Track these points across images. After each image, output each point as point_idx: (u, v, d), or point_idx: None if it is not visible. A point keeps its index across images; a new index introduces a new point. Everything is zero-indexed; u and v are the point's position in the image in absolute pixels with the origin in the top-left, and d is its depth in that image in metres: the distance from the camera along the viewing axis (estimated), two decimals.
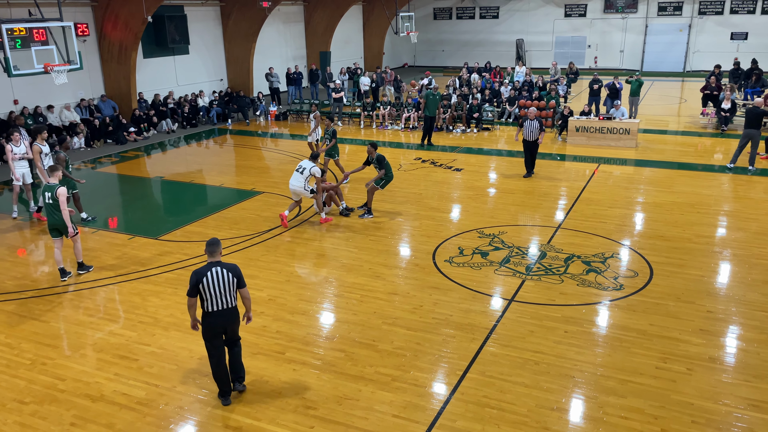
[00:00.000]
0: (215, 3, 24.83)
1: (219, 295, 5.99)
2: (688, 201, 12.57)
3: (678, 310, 8.11)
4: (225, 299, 6.02)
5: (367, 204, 12.07)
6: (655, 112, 22.54)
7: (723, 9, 31.99)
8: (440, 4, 38.11)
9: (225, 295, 6.01)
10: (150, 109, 20.89)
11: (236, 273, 6.07)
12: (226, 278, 5.99)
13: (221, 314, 6.04)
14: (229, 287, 6.02)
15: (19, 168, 12.24)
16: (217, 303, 6.00)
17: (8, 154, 12.14)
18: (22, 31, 13.69)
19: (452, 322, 7.90)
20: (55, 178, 9.36)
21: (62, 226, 9.20)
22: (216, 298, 5.99)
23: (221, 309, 6.03)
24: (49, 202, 9.18)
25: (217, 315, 6.03)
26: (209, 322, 6.04)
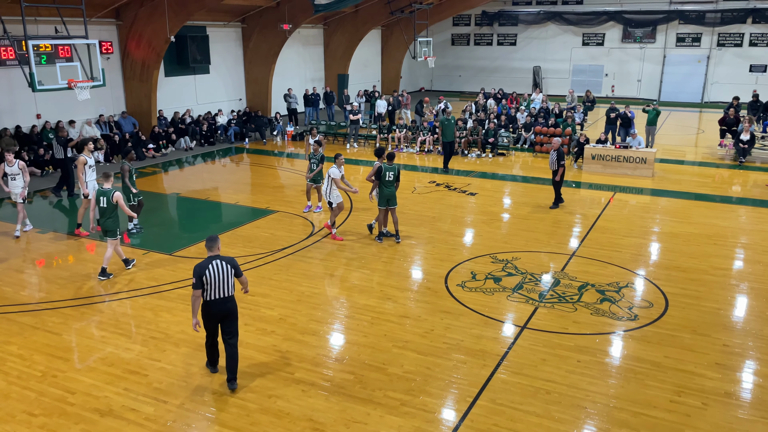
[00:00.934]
0: (237, 24, 25.26)
1: (219, 285, 6.62)
2: (704, 232, 12.44)
3: (693, 342, 7.98)
4: (224, 289, 6.67)
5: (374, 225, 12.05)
6: (673, 142, 22.45)
7: (742, 41, 31.96)
8: (458, 30, 38.47)
9: (224, 285, 6.66)
10: (169, 126, 21.18)
11: (233, 264, 6.76)
12: (225, 270, 6.64)
13: (220, 303, 6.69)
14: (228, 277, 6.66)
15: (13, 188, 12.02)
16: (216, 292, 6.63)
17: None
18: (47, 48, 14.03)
19: (463, 348, 7.83)
20: (108, 183, 10.08)
21: (111, 229, 9.96)
22: (216, 288, 6.62)
23: (220, 298, 6.67)
24: (103, 206, 10.00)
25: (217, 303, 6.67)
26: (210, 310, 6.70)
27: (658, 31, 33.44)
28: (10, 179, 11.97)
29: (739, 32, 31.88)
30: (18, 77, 16.24)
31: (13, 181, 12.00)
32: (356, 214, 13.64)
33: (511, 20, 36.68)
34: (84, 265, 10.62)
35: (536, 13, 35.76)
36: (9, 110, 17.69)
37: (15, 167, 12.01)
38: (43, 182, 16.36)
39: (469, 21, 37.99)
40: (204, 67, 23.72)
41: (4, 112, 17.59)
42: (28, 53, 12.78)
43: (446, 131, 18.02)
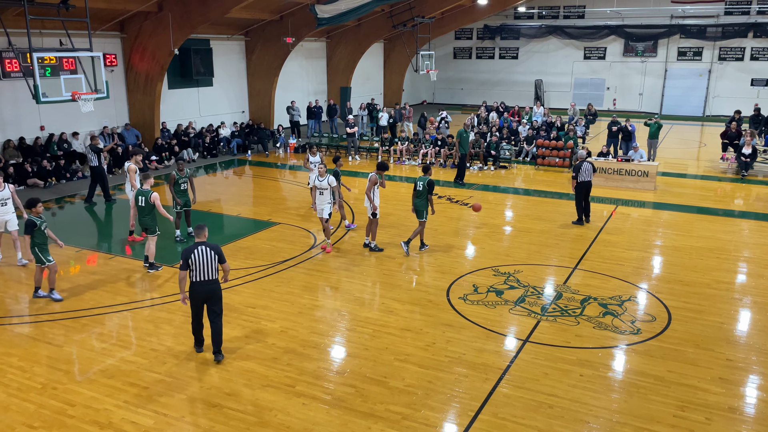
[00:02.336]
0: (240, 37, 25.42)
1: (203, 268, 7.42)
2: (707, 246, 12.41)
3: (697, 357, 7.93)
4: (207, 272, 7.45)
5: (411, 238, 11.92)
6: (674, 156, 22.47)
7: (743, 55, 32.08)
8: (460, 44, 38.67)
9: (208, 268, 7.44)
10: (172, 138, 21.26)
11: (217, 251, 7.52)
12: (209, 255, 7.43)
13: (204, 284, 7.49)
14: (212, 262, 7.45)
15: (1, 215, 11.03)
16: (200, 274, 7.44)
17: None
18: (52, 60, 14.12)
19: (465, 361, 7.79)
20: (147, 184, 10.79)
21: (149, 226, 10.66)
22: (200, 271, 7.42)
23: (204, 280, 7.47)
24: (141, 205, 10.71)
25: (201, 284, 7.48)
26: (194, 290, 7.52)
27: (659, 45, 33.59)
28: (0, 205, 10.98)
29: (740, 46, 32.01)
30: (22, 89, 16.32)
31: (3, 207, 10.98)
32: (357, 225, 13.63)
33: (513, 34, 36.88)
34: (85, 277, 10.62)
35: (538, 27, 35.96)
36: (13, 122, 17.78)
37: (6, 191, 11.03)
38: (47, 194, 16.39)
39: (471, 35, 38.21)
40: (207, 80, 23.86)
41: (8, 123, 17.68)
42: (33, 65, 12.87)
43: (463, 143, 17.92)
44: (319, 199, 11.72)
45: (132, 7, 18.74)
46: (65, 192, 16.68)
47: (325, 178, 11.62)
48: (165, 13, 19.28)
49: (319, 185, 11.67)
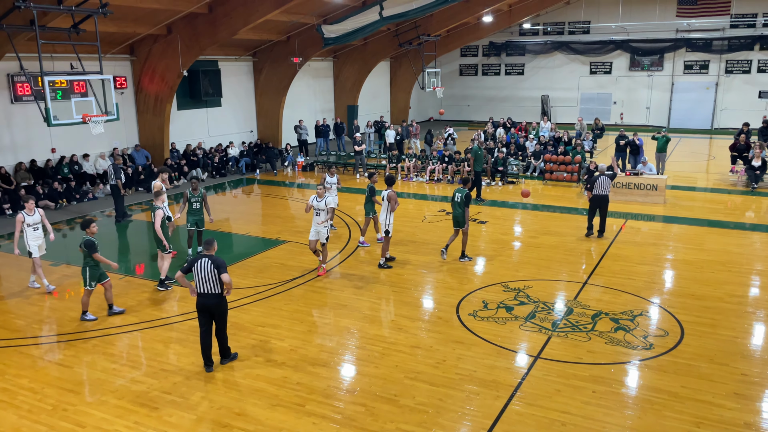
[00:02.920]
0: (248, 58, 25.70)
1: (203, 280, 7.63)
2: (718, 259, 12.30)
3: (711, 372, 7.83)
4: (209, 285, 7.64)
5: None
6: (683, 169, 22.38)
7: (750, 68, 32.04)
8: (466, 61, 38.88)
9: (208, 281, 7.63)
10: (181, 158, 21.43)
11: (217, 263, 7.65)
12: (208, 268, 7.61)
13: (206, 296, 7.70)
14: (211, 275, 7.61)
15: (34, 240, 10.77)
16: (202, 286, 7.66)
17: (18, 224, 10.65)
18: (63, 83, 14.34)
19: (476, 379, 7.72)
20: (159, 201, 10.83)
21: (160, 243, 10.67)
22: (201, 283, 7.66)
23: (205, 292, 7.68)
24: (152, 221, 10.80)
25: (203, 296, 7.71)
26: (198, 300, 7.78)
27: (665, 59, 33.62)
28: (32, 229, 10.71)
29: (747, 59, 31.99)
30: (34, 112, 16.54)
31: (35, 232, 10.76)
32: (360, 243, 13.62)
33: (519, 50, 37.06)
34: (96, 297, 10.64)
35: (543, 43, 36.13)
36: (25, 145, 18.00)
37: (36, 215, 10.82)
38: (58, 215, 16.52)
39: (477, 52, 38.42)
40: (216, 100, 24.10)
41: (20, 146, 17.90)
42: (44, 89, 13.03)
43: (478, 160, 17.78)
44: (316, 220, 11.44)
45: (141, 31, 19.02)
46: (76, 213, 16.81)
47: (323, 199, 11.42)
48: (174, 35, 19.54)
49: (317, 206, 11.42)
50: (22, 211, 10.72)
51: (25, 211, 10.72)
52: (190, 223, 12.56)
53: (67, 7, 13.17)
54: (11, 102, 17.50)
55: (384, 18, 19.64)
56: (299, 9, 20.83)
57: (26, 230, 10.72)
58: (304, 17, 22.15)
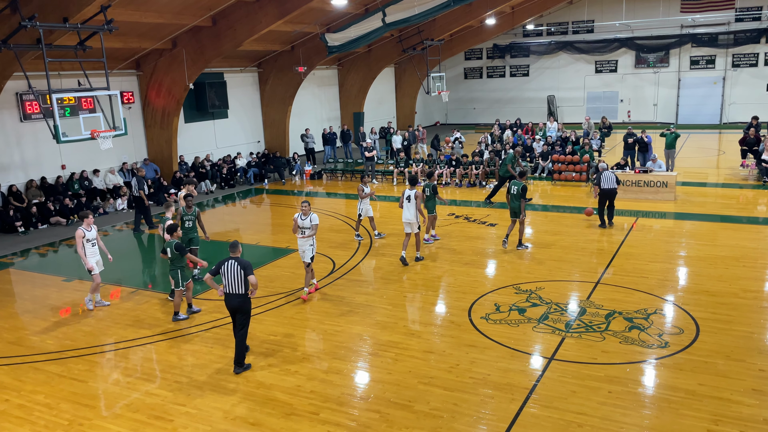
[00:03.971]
0: (253, 69, 25.84)
1: (230, 281, 8.00)
2: (732, 254, 12.18)
3: (728, 368, 7.74)
4: (235, 285, 7.99)
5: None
6: (693, 165, 22.22)
7: (757, 61, 31.83)
8: (470, 64, 38.89)
9: (235, 281, 7.98)
10: (190, 171, 21.55)
11: (243, 265, 8.01)
12: (236, 269, 7.97)
13: (232, 296, 8.06)
14: (238, 276, 7.95)
15: (92, 256, 10.62)
16: (229, 286, 8.03)
17: (79, 240, 10.46)
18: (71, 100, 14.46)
19: (490, 382, 7.68)
20: (169, 213, 11.04)
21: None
22: (228, 283, 8.03)
23: (232, 292, 8.05)
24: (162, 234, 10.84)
25: (230, 296, 8.08)
26: (225, 300, 8.18)
27: (671, 55, 33.46)
28: (90, 245, 10.55)
29: (754, 52, 31.79)
30: (43, 130, 16.73)
31: (93, 248, 10.60)
32: (376, 248, 13.62)
33: (523, 52, 37.03)
34: (109, 311, 10.71)
35: (547, 43, 36.08)
36: (35, 162, 18.18)
37: (93, 231, 10.65)
38: (70, 231, 16.64)
39: (481, 54, 38.42)
40: (222, 112, 24.23)
41: (30, 164, 18.08)
42: (53, 106, 13.15)
43: (503, 165, 17.73)
44: (301, 240, 10.62)
45: (147, 45, 19.18)
46: None
47: (308, 217, 10.59)
48: (179, 49, 19.69)
49: (301, 224, 10.60)
50: (81, 227, 10.49)
51: (84, 226, 10.50)
52: (184, 243, 12.03)
53: (72, 25, 13.30)
54: (21, 120, 17.69)
55: (387, 24, 19.69)
56: (302, 18, 20.93)
57: (85, 246, 10.49)
58: (308, 26, 22.24)
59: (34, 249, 15.07)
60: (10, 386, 8.16)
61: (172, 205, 11.34)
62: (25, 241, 15.67)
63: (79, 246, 10.47)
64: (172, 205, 11.32)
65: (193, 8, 17.62)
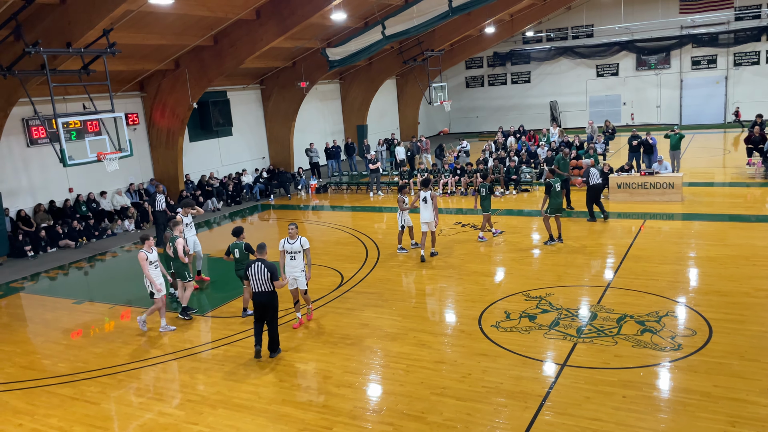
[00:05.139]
0: (256, 86, 26.01)
1: (258, 281, 8.75)
2: (742, 253, 12.10)
3: (743, 369, 7.66)
4: (262, 285, 8.77)
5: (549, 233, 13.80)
6: (699, 165, 22.14)
7: (759, 59, 31.77)
8: (472, 73, 39.01)
9: (262, 281, 8.75)
10: (196, 189, 21.65)
11: (271, 268, 8.77)
12: (262, 271, 8.75)
13: (260, 294, 8.83)
14: (264, 277, 8.73)
15: (156, 278, 10.47)
16: (257, 286, 8.79)
17: (143, 262, 10.36)
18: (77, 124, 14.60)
19: (503, 391, 7.63)
20: (176, 231, 11.09)
21: (181, 273, 10.92)
22: (256, 283, 8.77)
23: (259, 291, 8.81)
24: (170, 253, 11.03)
25: (258, 294, 8.84)
26: (254, 298, 8.96)
27: (672, 56, 33.45)
28: (153, 267, 10.47)
29: (755, 50, 31.74)
30: (50, 154, 16.87)
31: (155, 270, 10.51)
32: (383, 260, 13.61)
33: (524, 59, 37.12)
34: (120, 333, 10.73)
35: (547, 49, 36.16)
36: (42, 186, 18.32)
37: (155, 253, 10.61)
38: (79, 254, 16.74)
39: (482, 63, 38.54)
40: (227, 130, 24.38)
41: (37, 188, 18.22)
42: (59, 131, 13.28)
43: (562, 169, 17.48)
44: (290, 265, 9.97)
45: (150, 67, 19.36)
46: (96, 250, 17.01)
47: (296, 240, 9.97)
48: (182, 69, 19.87)
49: (290, 249, 9.97)
50: (143, 249, 10.42)
51: (145, 248, 10.45)
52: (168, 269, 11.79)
53: (76, 50, 13.46)
54: (27, 146, 17.85)
55: (387, 37, 19.81)
56: (302, 34, 21.09)
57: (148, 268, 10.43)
58: (308, 42, 22.41)
59: (44, 273, 15.15)
60: (24, 410, 8.18)
61: (179, 223, 11.43)
62: (35, 265, 15.76)
63: (145, 269, 10.36)
64: (180, 224, 11.40)
65: (194, 28, 17.80)
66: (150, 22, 16.28)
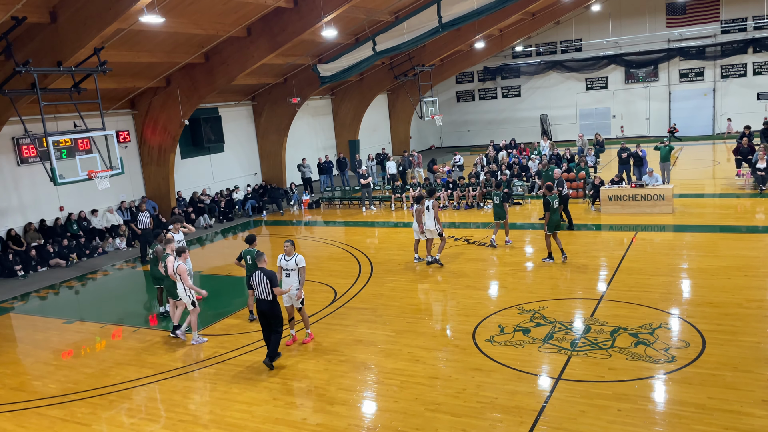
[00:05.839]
0: (248, 102, 26.06)
1: (259, 289, 9.12)
2: (733, 264, 12.16)
3: (736, 380, 7.67)
4: (263, 293, 9.11)
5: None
6: (689, 177, 22.30)
7: (746, 71, 32.15)
8: (462, 87, 39.26)
9: (263, 290, 9.10)
10: (188, 206, 21.58)
11: (269, 276, 9.12)
12: (262, 279, 9.09)
13: (261, 302, 9.20)
14: (264, 285, 9.07)
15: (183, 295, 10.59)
16: (259, 293, 9.16)
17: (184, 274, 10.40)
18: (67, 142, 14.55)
19: (498, 405, 7.59)
20: (169, 249, 11.01)
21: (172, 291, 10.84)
22: (258, 291, 9.15)
23: (261, 299, 9.18)
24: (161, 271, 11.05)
25: (259, 302, 9.24)
26: (257, 307, 9.34)
27: (660, 69, 33.78)
28: (190, 278, 10.70)
29: (742, 62, 32.11)
30: (40, 173, 16.78)
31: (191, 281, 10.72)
32: (377, 275, 13.59)
33: (513, 73, 37.39)
34: (111, 352, 10.63)
35: (537, 63, 36.46)
36: (33, 205, 18.20)
37: (190, 264, 10.93)
38: (69, 272, 16.61)
39: (472, 77, 38.80)
40: (218, 146, 24.36)
41: (28, 207, 18.10)
42: (49, 149, 13.21)
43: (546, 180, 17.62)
44: (285, 282, 9.96)
45: (141, 85, 19.37)
46: (87, 269, 16.89)
47: (292, 258, 9.94)
48: (173, 87, 19.88)
49: (285, 266, 9.96)
50: (183, 262, 10.52)
51: (182, 260, 10.57)
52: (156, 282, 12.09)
53: (66, 68, 13.45)
54: (17, 164, 17.77)
55: (377, 52, 19.91)
56: (294, 51, 21.18)
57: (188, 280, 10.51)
58: (299, 58, 22.50)
59: (34, 292, 15.01)
60: None
61: (171, 241, 11.40)
62: (25, 285, 15.62)
63: (186, 280, 10.39)
64: (171, 241, 11.37)
65: (185, 46, 17.84)
66: (141, 40, 16.31)
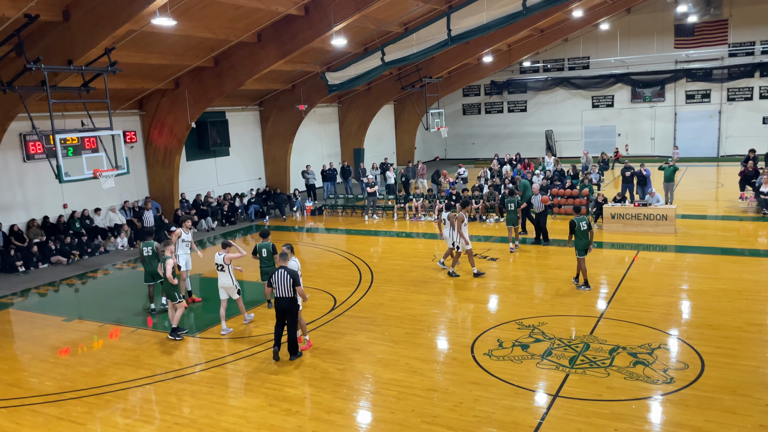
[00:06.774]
0: (255, 107, 26.17)
1: (279, 287, 9.25)
2: (734, 287, 12.14)
3: (734, 404, 7.64)
4: (283, 291, 9.25)
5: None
6: (693, 198, 22.30)
7: (752, 95, 32.24)
8: (469, 101, 39.40)
9: (283, 288, 9.23)
10: (191, 208, 21.62)
11: (293, 275, 9.25)
12: (284, 277, 9.22)
13: (281, 300, 9.35)
14: (286, 283, 9.21)
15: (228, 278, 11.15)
16: (278, 291, 9.29)
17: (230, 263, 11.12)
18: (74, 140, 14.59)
19: (495, 421, 7.57)
20: (168, 251, 11.18)
21: (170, 293, 10.94)
22: (278, 289, 9.27)
23: (280, 297, 9.32)
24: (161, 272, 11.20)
25: (278, 300, 9.39)
26: (274, 304, 9.56)
27: (666, 89, 33.91)
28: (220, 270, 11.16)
29: (748, 86, 32.21)
30: (45, 169, 16.84)
31: (222, 272, 11.13)
32: (377, 285, 13.58)
33: (520, 88, 37.54)
34: (109, 352, 10.63)
35: (544, 79, 36.60)
36: (37, 201, 18.26)
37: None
38: (71, 270, 16.63)
39: (479, 91, 38.95)
40: (224, 150, 24.44)
41: (32, 203, 18.16)
42: (56, 147, 13.27)
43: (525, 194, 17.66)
44: None
45: (150, 86, 19.47)
46: (88, 267, 16.91)
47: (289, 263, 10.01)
48: (181, 89, 19.98)
49: None
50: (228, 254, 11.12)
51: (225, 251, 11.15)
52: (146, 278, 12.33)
53: (77, 67, 13.53)
54: (23, 161, 17.84)
55: (386, 63, 20.01)
56: (303, 58, 21.29)
57: (228, 269, 11.10)
58: (308, 66, 22.62)
59: (34, 289, 15.03)
60: (8, 429, 8.05)
61: (170, 243, 11.47)
62: (26, 281, 15.64)
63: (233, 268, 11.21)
64: (170, 243, 11.44)
65: (195, 49, 17.95)
66: (152, 42, 16.42)
